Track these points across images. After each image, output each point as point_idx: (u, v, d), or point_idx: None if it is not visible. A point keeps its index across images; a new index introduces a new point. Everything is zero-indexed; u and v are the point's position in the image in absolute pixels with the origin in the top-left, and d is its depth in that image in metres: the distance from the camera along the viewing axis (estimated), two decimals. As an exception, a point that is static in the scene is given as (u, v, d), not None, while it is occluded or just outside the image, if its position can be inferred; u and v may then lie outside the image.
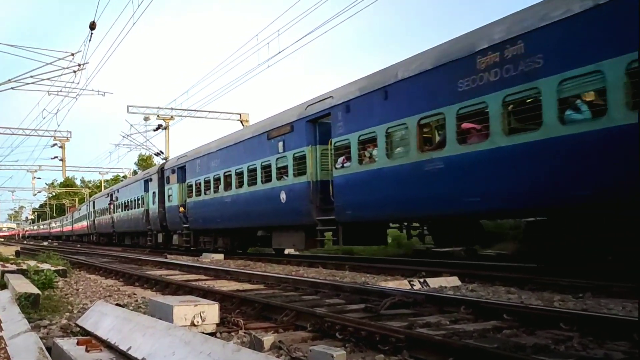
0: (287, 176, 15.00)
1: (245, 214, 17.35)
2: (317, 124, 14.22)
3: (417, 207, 10.66)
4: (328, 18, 17.72)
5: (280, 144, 15.28)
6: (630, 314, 5.66)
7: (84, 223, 49.80)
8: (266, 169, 16.08)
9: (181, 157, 23.91)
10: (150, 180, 27.07)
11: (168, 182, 24.50)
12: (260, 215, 16.48)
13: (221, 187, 19.14)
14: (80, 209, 56.85)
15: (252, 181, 16.81)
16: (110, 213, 36.89)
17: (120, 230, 34.82)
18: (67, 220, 68.10)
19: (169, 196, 24.39)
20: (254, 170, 16.71)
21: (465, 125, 9.48)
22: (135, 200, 30.29)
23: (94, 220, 44.11)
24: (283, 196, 15.02)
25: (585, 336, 4.62)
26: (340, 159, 12.89)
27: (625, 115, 7.02)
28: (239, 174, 17.74)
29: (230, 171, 18.41)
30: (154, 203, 26.21)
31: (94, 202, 45.03)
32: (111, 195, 37.36)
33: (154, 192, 26.30)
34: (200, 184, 21.12)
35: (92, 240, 45.92)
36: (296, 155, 14.62)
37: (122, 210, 33.62)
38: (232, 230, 19.64)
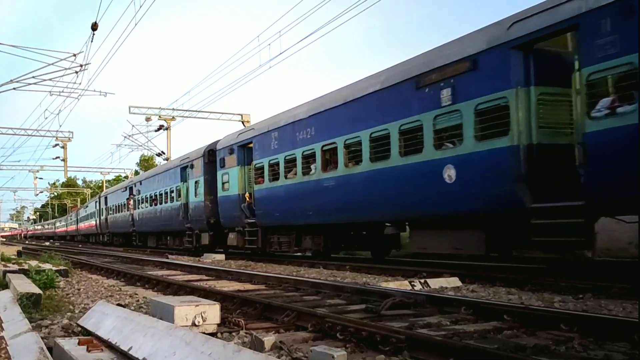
0: (459, 142, 9.86)
1: (363, 203, 12.31)
2: (531, 54, 8.89)
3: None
4: (329, 19, 17.69)
5: (446, 92, 9.98)
6: (630, 315, 5.67)
7: (92, 222, 46.14)
8: (411, 133, 10.92)
9: (244, 132, 18.64)
10: (191, 166, 22.16)
11: (222, 166, 19.14)
12: (396, 202, 11.41)
13: (316, 166, 13.96)
14: (87, 206, 52.70)
15: (379, 154, 11.75)
16: (129, 209, 32.42)
17: (144, 229, 30.04)
18: (71, 219, 65.03)
19: (223, 184, 19.10)
20: (385, 137, 11.56)
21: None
22: (166, 194, 25.47)
23: (105, 219, 39.64)
24: (450, 173, 9.89)
25: (586, 337, 4.63)
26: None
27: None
28: (352, 146, 12.74)
29: (334, 143, 13.22)
30: (196, 195, 21.50)
31: (105, 198, 40.28)
32: (130, 188, 32.78)
33: (196, 181, 21.51)
34: (278, 164, 15.65)
35: (103, 241, 41.83)
36: (484, 105, 9.34)
37: (146, 206, 28.83)
38: (328, 227, 14.46)
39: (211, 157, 20.52)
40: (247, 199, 17.49)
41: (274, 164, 15.95)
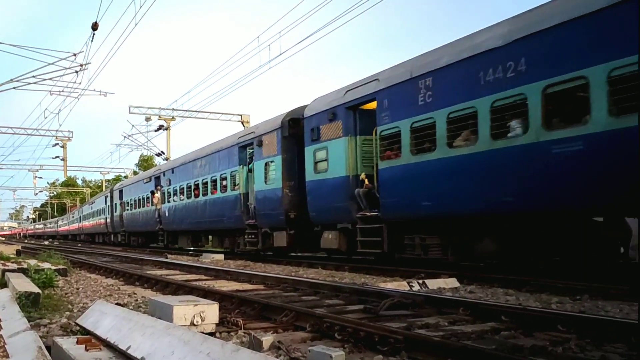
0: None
1: None
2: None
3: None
4: (329, 20, 17.71)
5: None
6: (627, 317, 5.68)
7: (100, 219, 41.65)
8: None
9: (358, 87, 12.88)
10: (258, 143, 16.64)
11: (316, 139, 13.79)
12: None
13: (527, 123, 8.65)
14: (93, 203, 47.27)
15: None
16: (153, 204, 27.36)
17: (176, 227, 24.89)
18: (73, 217, 61.20)
19: (316, 164, 13.95)
20: None
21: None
22: (213, 182, 20.20)
23: (120, 216, 34.36)
24: None
25: (583, 338, 4.65)
26: None
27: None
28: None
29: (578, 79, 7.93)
30: (267, 180, 16.13)
31: (120, 192, 35.01)
32: (157, 179, 27.54)
33: (267, 163, 16.19)
34: (433, 126, 10.43)
35: (114, 242, 37.03)
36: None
37: (180, 199, 23.80)
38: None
39: (293, 128, 15.07)
40: (366, 183, 12.51)
41: (425, 126, 10.62)
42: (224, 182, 19.36)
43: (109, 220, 37.96)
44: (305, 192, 14.40)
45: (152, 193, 27.68)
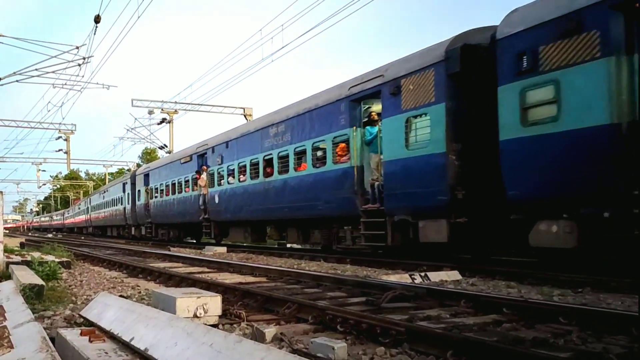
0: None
1: None
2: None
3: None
4: (332, 12, 17.61)
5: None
6: (629, 309, 5.69)
7: (115, 210, 36.82)
8: None
9: None
10: (394, 89, 11.33)
11: (528, 71, 8.39)
12: None
13: None
14: (105, 191, 42.26)
15: None
16: (197, 189, 21.95)
17: (230, 217, 19.46)
18: (79, 208, 57.50)
19: (526, 110, 8.60)
20: None
21: None
22: (297, 155, 14.98)
23: (145, 205, 29.04)
24: None
25: (584, 330, 4.66)
26: None
27: None
28: None
29: None
30: (413, 144, 10.93)
31: (145, 176, 29.53)
32: (201, 156, 22.11)
33: (410, 119, 10.99)
34: None
35: (135, 236, 32.30)
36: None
37: (239, 180, 18.42)
38: None
39: (467, 59, 9.84)
40: None
41: None
42: (320, 153, 14.06)
43: (128, 210, 32.79)
44: (492, 160, 9.12)
45: (197, 174, 21.95)
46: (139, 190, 30.74)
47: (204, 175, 21.39)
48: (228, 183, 19.39)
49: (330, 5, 17.39)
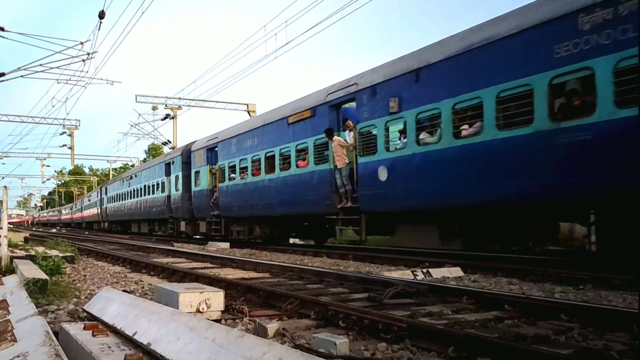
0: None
1: None
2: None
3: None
4: (336, 9, 17.59)
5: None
6: (630, 306, 5.70)
7: (147, 199, 30.05)
8: None
9: None
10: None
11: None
12: None
13: None
14: (132, 178, 34.70)
15: None
16: (320, 162, 14.26)
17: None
18: (89, 200, 52.22)
19: None
20: None
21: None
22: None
23: (208, 192, 21.48)
24: None
25: (586, 327, 4.67)
26: None
27: None
28: None
29: None
30: None
31: (210, 152, 21.71)
32: (334, 107, 14.03)
33: None
34: None
35: (186, 233, 24.94)
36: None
37: (422, 141, 10.87)
38: None
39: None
40: None
41: None
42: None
43: (175, 199, 25.24)
44: None
45: (329, 135, 13.56)
46: (196, 172, 22.88)
47: (347, 136, 13.36)
48: (392, 151, 11.71)
49: (334, 2, 17.35)
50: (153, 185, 29.18)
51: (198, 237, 23.90)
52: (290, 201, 15.64)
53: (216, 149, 21.18)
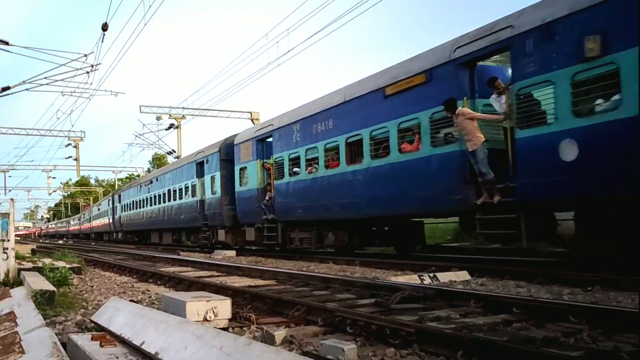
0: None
1: None
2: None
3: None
4: (338, 16, 17.65)
5: None
6: (639, 307, 5.66)
7: (172, 205, 26.28)
8: None
9: None
10: None
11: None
12: None
13: None
14: (152, 182, 30.71)
15: None
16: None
17: None
18: (98, 209, 48.44)
19: None
20: None
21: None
22: None
23: (260, 191, 17.82)
24: None
25: (595, 329, 4.63)
26: None
27: None
28: None
29: None
30: None
31: (260, 144, 18.09)
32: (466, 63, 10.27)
33: None
34: None
35: (224, 244, 20.61)
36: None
37: None
38: None
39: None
40: None
41: None
42: None
43: (211, 203, 21.49)
44: None
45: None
46: (242, 169, 19.17)
47: (494, 101, 9.99)
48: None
49: (335, 9, 17.42)
50: (180, 189, 25.41)
51: (246, 247, 20.20)
52: (387, 198, 12.10)
53: (270, 139, 17.51)
